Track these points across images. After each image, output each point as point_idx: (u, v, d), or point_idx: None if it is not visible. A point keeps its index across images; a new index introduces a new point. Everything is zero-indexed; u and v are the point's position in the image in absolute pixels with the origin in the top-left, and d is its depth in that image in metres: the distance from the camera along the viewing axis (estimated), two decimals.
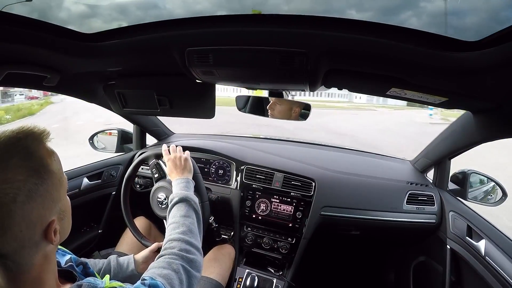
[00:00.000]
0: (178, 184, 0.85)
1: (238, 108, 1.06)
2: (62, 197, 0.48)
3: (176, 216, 0.73)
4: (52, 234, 0.44)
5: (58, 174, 0.47)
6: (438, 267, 1.17)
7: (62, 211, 0.48)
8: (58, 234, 0.46)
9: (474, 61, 0.47)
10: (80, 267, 0.61)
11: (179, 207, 0.76)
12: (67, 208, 0.50)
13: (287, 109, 0.97)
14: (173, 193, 0.81)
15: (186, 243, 0.65)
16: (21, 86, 0.85)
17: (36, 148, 0.45)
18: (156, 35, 0.61)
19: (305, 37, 0.52)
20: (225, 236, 1.33)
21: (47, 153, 0.47)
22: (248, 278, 1.16)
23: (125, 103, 0.95)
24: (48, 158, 0.46)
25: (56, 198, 0.46)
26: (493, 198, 1.17)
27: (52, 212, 0.45)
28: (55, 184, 0.46)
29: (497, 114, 0.66)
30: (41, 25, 0.59)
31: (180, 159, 0.92)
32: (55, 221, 0.45)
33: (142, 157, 1.11)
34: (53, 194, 0.45)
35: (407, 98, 0.68)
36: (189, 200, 0.78)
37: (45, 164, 0.45)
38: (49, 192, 0.45)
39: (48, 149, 0.48)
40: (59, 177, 0.48)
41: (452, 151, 1.10)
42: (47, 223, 0.44)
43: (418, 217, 1.20)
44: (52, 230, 0.45)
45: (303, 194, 1.23)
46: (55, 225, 0.45)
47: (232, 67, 0.67)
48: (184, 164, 0.92)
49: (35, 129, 0.48)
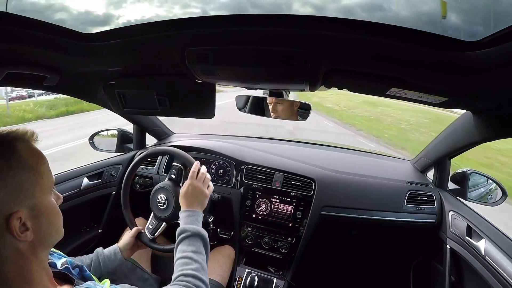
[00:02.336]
0: (189, 216, 0.81)
1: (238, 108, 1.06)
2: (37, 195, 0.47)
3: (188, 251, 0.72)
4: (15, 227, 0.43)
5: (35, 170, 0.48)
6: (438, 267, 1.17)
7: (37, 209, 0.47)
8: (29, 232, 0.45)
9: (474, 61, 0.47)
10: (76, 270, 0.60)
11: (191, 241, 0.74)
12: (45, 209, 0.49)
13: (290, 109, 0.98)
14: (184, 226, 0.78)
15: (199, 281, 0.66)
16: (21, 86, 0.85)
17: (14, 143, 0.47)
18: (156, 35, 0.61)
19: (305, 37, 0.52)
20: (225, 236, 1.33)
21: (26, 149, 0.48)
22: (248, 278, 1.16)
23: (125, 103, 0.95)
24: (25, 152, 0.47)
25: (28, 191, 0.46)
26: (493, 198, 1.17)
27: (18, 203, 0.44)
28: (29, 178, 0.46)
29: (497, 114, 0.66)
30: (41, 25, 0.59)
31: (201, 192, 0.87)
32: (21, 213, 0.44)
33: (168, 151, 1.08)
34: (23, 186, 0.45)
35: (407, 98, 0.68)
36: (202, 236, 0.76)
37: (19, 156, 0.46)
38: (17, 182, 0.45)
39: (30, 147, 0.49)
40: (36, 175, 0.48)
41: (452, 151, 1.10)
42: (10, 212, 0.43)
43: (418, 217, 1.20)
44: (15, 222, 0.43)
45: (303, 194, 1.23)
46: (20, 217, 0.44)
47: (232, 67, 0.67)
48: (202, 199, 0.87)
49: (19, 130, 0.50)
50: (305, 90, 0.79)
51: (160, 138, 1.63)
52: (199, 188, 0.86)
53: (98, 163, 1.37)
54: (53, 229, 0.51)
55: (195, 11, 0.56)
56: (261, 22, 0.53)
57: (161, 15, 0.59)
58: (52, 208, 0.50)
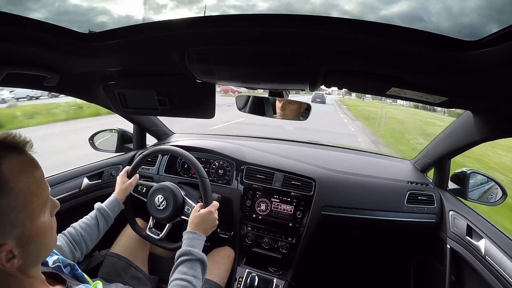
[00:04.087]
0: (195, 239, 0.82)
1: (238, 108, 1.06)
2: (26, 222, 0.43)
3: (189, 275, 0.72)
4: (1, 257, 0.40)
5: (23, 196, 0.42)
6: (438, 267, 1.17)
7: (25, 237, 0.43)
8: (16, 259, 0.42)
9: (474, 61, 0.47)
10: (67, 268, 0.60)
11: (192, 265, 0.74)
12: (35, 235, 0.44)
13: (296, 110, 0.99)
14: (190, 249, 0.78)
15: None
16: (21, 86, 0.85)
17: (1, 160, 0.41)
18: (156, 35, 0.61)
19: (305, 37, 0.52)
20: (225, 236, 1.33)
21: (14, 169, 0.41)
22: (248, 278, 1.16)
23: (125, 103, 0.95)
24: (12, 173, 0.41)
25: (14, 222, 0.41)
26: (493, 197, 1.18)
27: (3, 236, 0.40)
28: (15, 206, 0.41)
29: (497, 113, 0.66)
30: (41, 25, 0.59)
31: (213, 222, 0.91)
32: (8, 245, 0.41)
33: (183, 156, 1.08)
34: (8, 216, 0.40)
35: (407, 98, 0.69)
36: (204, 262, 0.77)
37: (4, 180, 0.40)
38: (1, 213, 0.40)
39: (19, 164, 0.42)
40: (24, 200, 0.42)
41: (452, 151, 1.10)
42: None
43: (418, 217, 1.20)
44: (2, 254, 0.40)
45: (303, 193, 1.23)
46: (7, 249, 0.41)
47: (232, 67, 0.67)
48: (210, 229, 0.90)
49: (8, 138, 0.43)
50: (305, 90, 0.79)
51: (160, 138, 1.63)
52: (214, 219, 0.91)
53: (98, 163, 1.37)
54: (43, 249, 0.48)
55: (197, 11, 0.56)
56: (261, 22, 0.53)
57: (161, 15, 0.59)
58: (43, 230, 0.46)
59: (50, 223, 0.49)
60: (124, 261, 1.08)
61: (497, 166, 5.54)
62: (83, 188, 1.24)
